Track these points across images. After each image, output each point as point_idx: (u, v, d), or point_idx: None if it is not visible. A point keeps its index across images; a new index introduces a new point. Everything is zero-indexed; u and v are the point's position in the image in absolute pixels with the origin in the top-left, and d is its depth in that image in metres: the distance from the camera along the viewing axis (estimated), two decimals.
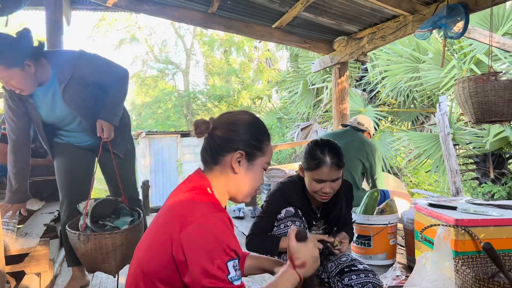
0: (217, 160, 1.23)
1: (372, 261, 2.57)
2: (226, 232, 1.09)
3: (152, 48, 21.93)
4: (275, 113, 11.51)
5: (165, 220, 1.15)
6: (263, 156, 1.28)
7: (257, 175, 1.28)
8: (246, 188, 1.27)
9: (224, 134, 1.23)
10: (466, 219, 1.87)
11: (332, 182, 1.86)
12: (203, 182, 1.23)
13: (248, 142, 1.23)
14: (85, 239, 1.96)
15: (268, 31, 4.39)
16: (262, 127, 1.30)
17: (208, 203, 1.15)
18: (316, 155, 1.85)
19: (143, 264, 1.15)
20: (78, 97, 2.27)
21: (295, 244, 1.27)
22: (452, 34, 2.89)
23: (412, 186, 8.97)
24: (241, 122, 1.25)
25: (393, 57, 6.83)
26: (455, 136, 5.68)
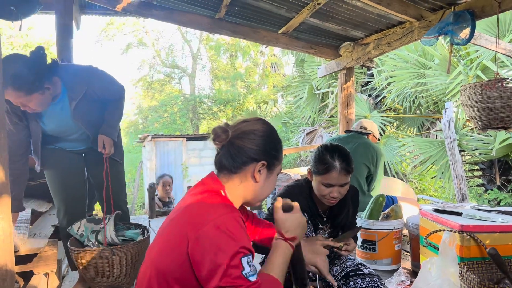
0: (238, 168, 1.26)
1: (377, 266, 2.57)
2: (240, 232, 1.12)
3: (159, 52, 22.08)
4: (280, 118, 11.53)
5: (180, 220, 1.18)
6: (279, 164, 1.34)
7: (273, 182, 1.34)
8: (263, 195, 1.32)
9: (246, 144, 1.26)
10: (472, 225, 1.88)
11: (340, 187, 1.87)
12: (217, 185, 1.26)
13: (269, 152, 1.28)
14: (110, 253, 1.95)
15: (275, 36, 4.42)
16: (277, 136, 1.35)
17: (222, 204, 1.19)
18: (326, 159, 1.86)
19: (157, 264, 1.17)
20: (86, 112, 2.32)
21: (282, 215, 1.31)
22: (459, 40, 2.90)
23: (417, 192, 8.93)
24: (261, 132, 1.29)
25: (399, 63, 6.83)
26: (461, 142, 5.66)
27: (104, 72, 2.42)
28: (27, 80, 1.96)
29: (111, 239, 2.05)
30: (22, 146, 2.26)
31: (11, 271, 1.73)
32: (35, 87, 2.02)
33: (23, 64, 1.95)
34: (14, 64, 1.93)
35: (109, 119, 2.40)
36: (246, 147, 1.25)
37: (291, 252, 1.27)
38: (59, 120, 2.30)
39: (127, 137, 21.52)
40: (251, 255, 1.13)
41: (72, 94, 2.25)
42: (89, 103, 2.32)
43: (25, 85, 1.96)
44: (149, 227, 3.87)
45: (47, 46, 18.50)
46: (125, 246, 2.00)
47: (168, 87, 22.35)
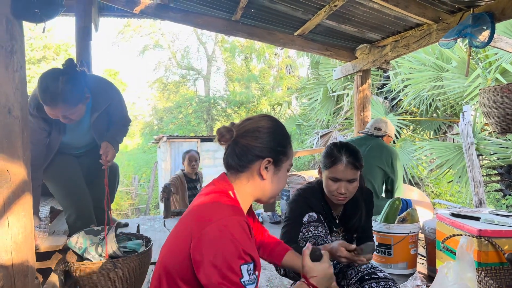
0: (244, 167, 1.26)
1: (392, 270, 2.55)
2: (243, 236, 1.11)
3: (175, 54, 22.31)
4: (294, 120, 11.52)
5: (188, 219, 1.19)
6: (288, 160, 1.31)
7: (282, 178, 1.31)
8: (272, 192, 1.30)
9: (250, 142, 1.25)
10: (490, 230, 1.85)
11: (348, 183, 1.86)
12: (226, 186, 1.26)
13: (274, 149, 1.26)
14: (112, 266, 1.85)
15: (291, 38, 4.43)
16: (284, 131, 1.32)
17: (229, 205, 1.18)
18: (332, 153, 1.88)
19: (165, 262, 1.19)
20: (103, 126, 2.40)
21: (310, 263, 1.29)
22: (478, 43, 2.86)
23: (433, 196, 8.81)
24: (265, 129, 1.27)
25: (416, 65, 6.76)
26: (479, 146, 5.57)
27: (121, 93, 2.51)
28: (74, 93, 2.06)
29: (112, 251, 1.94)
30: (43, 153, 2.29)
31: (32, 267, 1.78)
32: (80, 98, 2.11)
33: (67, 79, 2.03)
34: (57, 80, 2.01)
35: (115, 134, 2.45)
36: (250, 145, 1.25)
37: None
38: (77, 131, 2.34)
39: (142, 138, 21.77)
40: (253, 263, 1.11)
41: (96, 106, 2.31)
42: (105, 118, 2.39)
43: (72, 98, 2.06)
44: (164, 227, 3.92)
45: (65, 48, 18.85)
46: (128, 258, 1.91)
47: (183, 88, 22.54)
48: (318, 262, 1.29)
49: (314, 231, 1.90)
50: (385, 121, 3.60)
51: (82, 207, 2.38)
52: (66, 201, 2.39)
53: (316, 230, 1.90)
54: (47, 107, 2.06)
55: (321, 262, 1.29)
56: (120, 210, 14.14)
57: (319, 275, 1.26)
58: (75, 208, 2.37)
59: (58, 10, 1.67)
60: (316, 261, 1.29)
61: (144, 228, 3.83)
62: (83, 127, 2.36)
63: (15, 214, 1.66)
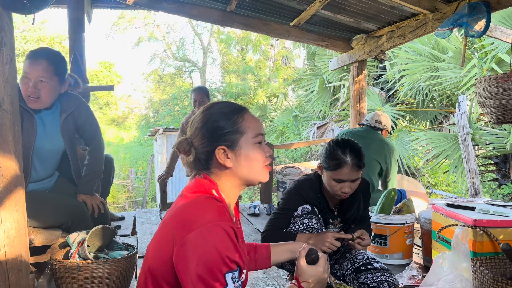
0: (208, 166, 1.21)
1: (388, 261, 2.56)
2: (227, 243, 1.07)
3: (170, 46, 22.17)
4: (291, 112, 11.50)
5: (171, 221, 1.15)
6: (245, 135, 1.21)
7: (253, 154, 1.21)
8: (252, 172, 1.23)
9: (201, 141, 1.20)
10: (485, 220, 1.86)
11: (352, 182, 1.86)
12: (209, 184, 1.21)
13: (220, 134, 1.19)
14: (75, 268, 1.83)
15: (286, 29, 4.39)
16: (225, 110, 1.22)
17: (213, 208, 1.13)
18: (337, 155, 1.84)
19: (150, 262, 1.16)
20: (70, 131, 2.41)
21: (304, 265, 1.25)
22: (473, 32, 2.84)
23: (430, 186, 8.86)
24: (200, 123, 1.22)
25: (412, 56, 6.74)
26: (475, 136, 5.58)
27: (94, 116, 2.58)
28: (60, 63, 2.21)
29: (84, 254, 1.91)
30: None
31: (26, 262, 1.77)
32: (60, 72, 2.21)
33: (59, 53, 2.29)
34: (53, 50, 2.28)
35: (89, 183, 2.47)
36: (202, 144, 1.20)
37: None
38: (50, 132, 2.31)
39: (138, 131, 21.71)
40: (238, 270, 1.08)
41: (65, 107, 2.36)
42: (73, 126, 2.42)
43: (56, 63, 2.17)
44: (161, 219, 3.91)
45: (59, 40, 18.69)
46: (94, 263, 1.86)
47: (179, 80, 22.45)
48: (313, 266, 1.25)
49: (307, 223, 1.90)
50: (384, 114, 3.62)
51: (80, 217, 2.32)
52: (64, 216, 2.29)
53: (310, 222, 1.90)
54: (29, 62, 2.13)
55: (316, 265, 1.25)
56: (116, 203, 14.14)
57: (313, 281, 1.22)
58: (72, 220, 2.29)
59: (48, 1, 1.64)
60: (311, 264, 1.25)
61: (140, 221, 3.83)
62: (54, 127, 2.34)
63: (7, 209, 1.65)
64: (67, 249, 2.01)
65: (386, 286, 1.85)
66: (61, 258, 1.95)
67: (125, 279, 1.97)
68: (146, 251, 1.24)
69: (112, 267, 1.89)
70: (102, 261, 1.88)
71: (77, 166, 2.52)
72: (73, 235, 2.02)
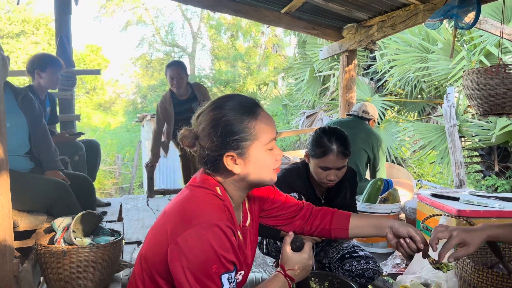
0: (215, 169, 1.17)
1: (373, 249, 2.60)
2: (224, 243, 1.05)
3: (159, 30, 21.85)
4: (280, 100, 11.47)
5: (169, 214, 1.14)
6: (257, 141, 1.13)
7: (264, 160, 1.15)
8: (260, 177, 1.18)
9: (208, 144, 1.13)
10: (469, 210, 1.89)
11: (337, 170, 1.87)
12: (213, 181, 1.18)
13: (230, 141, 1.11)
14: (60, 253, 1.81)
15: (277, 16, 4.35)
16: (237, 113, 1.13)
17: (212, 207, 1.10)
18: (323, 142, 1.85)
19: (146, 254, 1.16)
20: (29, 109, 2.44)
21: (290, 252, 1.25)
22: (463, 24, 2.85)
23: (416, 177, 8.97)
24: (215, 123, 1.12)
25: (402, 46, 6.76)
26: (461, 128, 5.65)
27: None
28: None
29: (69, 239, 1.90)
30: None
31: (10, 246, 1.75)
32: None
33: None
34: None
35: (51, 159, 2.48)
36: (209, 147, 1.13)
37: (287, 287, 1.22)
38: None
39: (126, 116, 21.47)
40: (234, 271, 1.07)
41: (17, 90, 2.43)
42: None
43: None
44: (148, 206, 3.90)
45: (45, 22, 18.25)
46: (80, 249, 1.85)
47: None
48: (298, 253, 1.25)
49: None
50: (371, 105, 3.65)
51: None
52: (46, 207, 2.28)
53: (291, 232, 1.90)
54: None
55: (301, 252, 1.25)
56: (103, 189, 14.04)
57: (298, 267, 1.23)
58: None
59: None
60: (296, 251, 1.26)
61: (127, 207, 3.81)
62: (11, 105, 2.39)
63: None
64: (52, 234, 1.99)
65: (370, 273, 1.89)
66: (46, 243, 1.93)
67: (111, 265, 1.96)
68: (144, 240, 1.22)
69: (98, 253, 1.88)
70: (87, 247, 1.87)
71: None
72: (58, 220, 2.00)
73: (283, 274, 1.22)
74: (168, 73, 3.89)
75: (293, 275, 1.23)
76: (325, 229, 1.44)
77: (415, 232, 1.31)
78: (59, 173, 2.43)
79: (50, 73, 3.01)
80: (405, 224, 1.34)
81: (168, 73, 3.88)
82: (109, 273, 1.97)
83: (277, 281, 1.21)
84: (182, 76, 3.83)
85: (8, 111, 2.27)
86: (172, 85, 3.87)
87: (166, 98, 3.98)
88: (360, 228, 1.43)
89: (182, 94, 3.92)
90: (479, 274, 1.47)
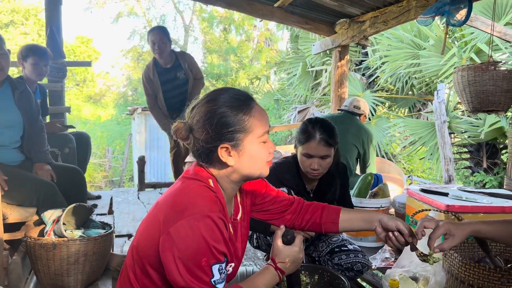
0: (209, 160, 1.18)
1: (362, 243, 2.62)
2: (216, 234, 1.06)
3: (151, 22, 21.61)
4: (272, 95, 11.47)
5: (161, 205, 1.14)
6: (251, 134, 1.15)
7: (257, 153, 1.17)
8: (253, 169, 1.19)
9: (202, 136, 1.14)
10: (457, 205, 1.92)
11: (321, 159, 1.87)
12: (206, 174, 1.19)
13: (225, 132, 1.13)
14: (50, 246, 1.80)
15: (270, 10, 4.33)
16: (231, 106, 1.14)
17: (204, 198, 1.11)
18: (307, 129, 1.89)
19: (138, 245, 1.16)
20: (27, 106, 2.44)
21: (281, 245, 1.26)
22: (455, 21, 2.87)
23: (405, 172, 9.05)
24: (209, 115, 1.13)
25: (394, 43, 6.79)
26: (451, 125, 5.71)
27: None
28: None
29: (59, 231, 1.89)
30: None
31: (0, 239, 1.73)
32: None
33: None
34: None
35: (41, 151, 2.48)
36: (203, 138, 1.14)
37: (277, 281, 1.24)
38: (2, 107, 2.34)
39: (116, 109, 21.30)
40: (224, 262, 1.08)
41: (15, 84, 2.39)
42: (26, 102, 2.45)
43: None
44: (138, 199, 3.89)
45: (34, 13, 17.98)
46: (70, 241, 1.83)
47: None
48: (289, 246, 1.27)
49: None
50: (363, 100, 3.67)
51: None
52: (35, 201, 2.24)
53: (282, 225, 1.91)
54: None
55: (292, 246, 1.27)
56: (93, 182, 13.94)
57: (289, 260, 1.25)
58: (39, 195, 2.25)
59: None
60: (287, 244, 1.27)
61: (117, 200, 3.79)
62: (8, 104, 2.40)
63: None
64: (42, 227, 1.98)
65: (359, 267, 1.91)
66: (36, 236, 1.92)
67: (102, 257, 1.96)
68: (136, 232, 1.23)
69: (88, 245, 1.87)
70: (78, 239, 1.86)
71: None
72: (48, 213, 1.98)
73: (274, 267, 1.24)
74: (150, 39, 3.72)
75: (283, 268, 1.24)
76: (316, 223, 1.45)
77: (404, 225, 1.32)
78: (47, 166, 2.41)
79: (32, 63, 2.97)
80: (394, 218, 1.36)
81: (150, 39, 3.70)
82: (99, 265, 1.97)
83: (268, 273, 1.23)
84: (164, 41, 3.66)
85: (4, 107, 2.27)
86: (154, 51, 3.70)
87: (149, 67, 3.82)
88: (350, 222, 1.44)
89: (166, 62, 3.77)
90: (467, 268, 1.49)
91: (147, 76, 3.82)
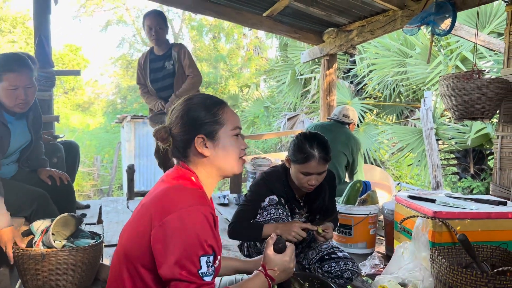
0: (186, 154, 1.25)
1: (352, 250, 2.64)
2: (205, 227, 1.10)
3: (140, 30, 21.59)
4: (262, 102, 11.51)
5: (150, 204, 1.17)
6: (224, 126, 1.25)
7: (230, 146, 1.26)
8: (227, 163, 1.27)
9: (180, 129, 1.24)
10: (444, 212, 1.94)
11: (318, 175, 1.90)
12: (188, 171, 1.24)
13: (201, 123, 1.23)
14: (39, 257, 1.78)
15: (259, 19, 4.37)
16: (207, 102, 1.27)
17: (193, 193, 1.16)
18: (305, 149, 1.87)
19: (126, 246, 1.17)
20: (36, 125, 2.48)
21: (271, 254, 1.29)
22: (440, 31, 2.94)
23: (394, 179, 9.13)
24: (186, 110, 1.25)
25: (381, 51, 6.89)
26: (438, 131, 5.79)
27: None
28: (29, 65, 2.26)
29: (48, 242, 1.86)
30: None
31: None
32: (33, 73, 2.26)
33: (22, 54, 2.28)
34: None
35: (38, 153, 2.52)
36: (181, 132, 1.23)
37: (267, 287, 1.26)
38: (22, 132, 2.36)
39: (105, 117, 21.16)
40: (213, 255, 1.11)
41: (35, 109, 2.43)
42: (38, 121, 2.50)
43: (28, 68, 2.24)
44: (128, 208, 3.86)
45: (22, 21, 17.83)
46: (59, 251, 1.81)
47: None
48: (280, 254, 1.29)
49: (274, 214, 1.92)
50: (352, 108, 3.70)
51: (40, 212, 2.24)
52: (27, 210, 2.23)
53: (277, 213, 1.93)
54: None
55: (283, 254, 1.29)
56: (81, 191, 13.78)
57: (279, 268, 1.27)
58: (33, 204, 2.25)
59: None
60: (278, 252, 1.29)
61: (106, 209, 3.76)
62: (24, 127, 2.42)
63: None
64: (31, 237, 1.95)
65: (349, 274, 1.92)
66: (24, 246, 1.89)
67: (91, 268, 1.94)
68: (120, 235, 1.24)
69: (77, 256, 1.85)
70: (67, 250, 1.84)
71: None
72: (37, 223, 1.95)
73: (264, 274, 1.26)
74: (146, 23, 3.44)
75: (273, 275, 1.26)
76: None
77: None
78: (51, 170, 2.47)
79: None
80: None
81: (146, 23, 3.43)
82: (89, 276, 1.94)
83: (257, 280, 1.25)
84: (162, 26, 3.43)
85: (20, 133, 2.34)
86: (150, 36, 3.46)
87: (145, 53, 3.68)
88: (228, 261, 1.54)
89: (160, 49, 3.57)
90: (454, 273, 1.51)
91: (140, 63, 3.69)
